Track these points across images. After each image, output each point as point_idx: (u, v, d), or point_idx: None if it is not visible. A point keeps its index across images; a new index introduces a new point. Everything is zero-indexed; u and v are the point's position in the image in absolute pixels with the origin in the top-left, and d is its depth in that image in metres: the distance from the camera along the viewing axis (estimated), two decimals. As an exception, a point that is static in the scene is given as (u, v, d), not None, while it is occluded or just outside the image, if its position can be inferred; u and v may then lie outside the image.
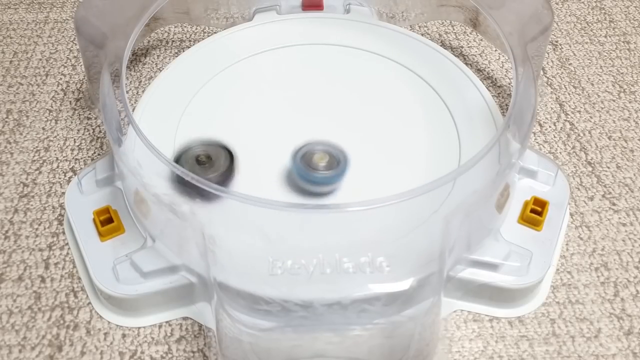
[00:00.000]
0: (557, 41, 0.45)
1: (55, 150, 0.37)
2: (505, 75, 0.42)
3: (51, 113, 0.40)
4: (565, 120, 0.39)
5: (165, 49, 0.44)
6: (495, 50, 0.44)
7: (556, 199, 0.32)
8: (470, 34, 0.45)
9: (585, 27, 0.46)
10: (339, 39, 0.40)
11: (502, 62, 0.43)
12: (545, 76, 0.42)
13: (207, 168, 0.30)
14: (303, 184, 0.31)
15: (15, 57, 0.44)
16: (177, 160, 0.30)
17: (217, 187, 0.26)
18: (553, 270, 0.32)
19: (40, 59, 0.43)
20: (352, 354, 0.26)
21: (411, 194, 0.26)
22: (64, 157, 0.37)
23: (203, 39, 0.40)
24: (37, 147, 0.38)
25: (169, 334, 0.29)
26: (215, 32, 0.42)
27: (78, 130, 0.38)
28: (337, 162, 0.31)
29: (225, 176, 0.30)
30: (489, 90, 0.37)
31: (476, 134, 0.34)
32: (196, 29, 0.46)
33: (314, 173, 0.30)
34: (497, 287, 0.29)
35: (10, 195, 0.35)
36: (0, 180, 0.36)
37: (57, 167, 0.36)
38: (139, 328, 0.30)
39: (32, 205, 0.35)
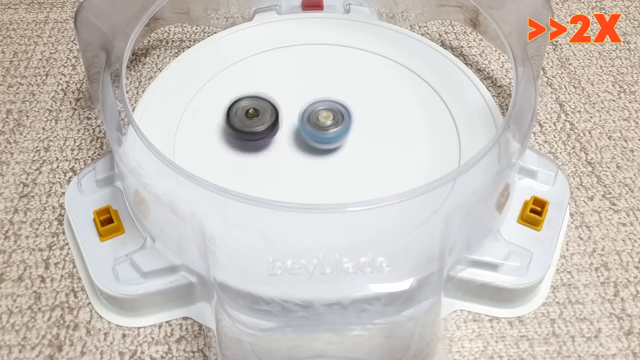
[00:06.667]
0: (557, 41, 0.45)
1: (55, 150, 0.37)
2: (505, 75, 0.42)
3: (51, 113, 0.40)
4: (565, 120, 0.39)
5: (165, 49, 0.44)
6: (495, 50, 0.44)
7: (556, 199, 0.32)
8: (470, 34, 0.45)
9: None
10: (339, 39, 0.40)
11: (502, 62, 0.43)
12: (545, 76, 0.42)
13: (255, 121, 0.33)
14: (313, 144, 0.33)
15: (15, 57, 0.44)
16: (228, 111, 0.33)
17: (218, 187, 0.26)
18: (553, 270, 0.32)
19: (40, 59, 0.43)
20: (352, 354, 0.26)
21: (411, 194, 0.26)
22: (64, 157, 0.37)
23: (203, 39, 0.40)
24: (37, 147, 0.38)
25: (169, 334, 0.29)
26: (215, 32, 0.42)
27: (78, 130, 0.38)
28: (342, 117, 0.33)
29: (272, 128, 0.33)
30: (489, 90, 0.37)
31: (476, 134, 0.34)
32: (196, 29, 0.46)
33: (322, 134, 0.32)
34: (497, 287, 0.29)
35: (10, 195, 0.35)
36: (0, 180, 0.36)
37: (57, 167, 0.36)
38: (139, 328, 0.30)
39: (32, 205, 0.35)
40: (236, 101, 0.33)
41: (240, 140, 0.33)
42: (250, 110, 0.33)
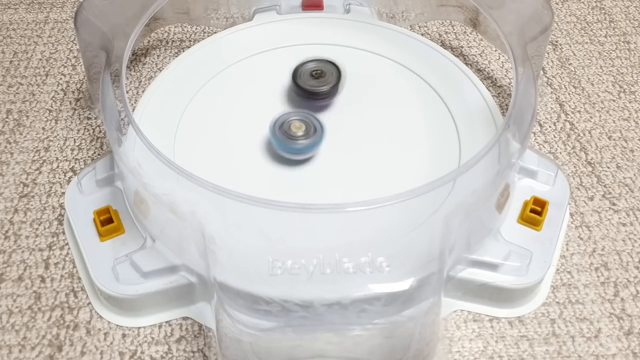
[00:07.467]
0: (557, 41, 0.45)
1: (55, 150, 0.37)
2: (505, 75, 0.42)
3: (51, 113, 0.40)
4: (565, 120, 0.39)
5: (165, 49, 0.44)
6: (495, 50, 0.44)
7: (556, 199, 0.32)
8: (470, 34, 0.45)
9: (585, 27, 0.46)
10: (339, 39, 0.40)
11: (502, 62, 0.43)
12: (545, 76, 0.42)
13: (320, 82, 0.35)
14: (283, 154, 0.33)
15: (15, 57, 0.44)
16: (295, 72, 0.35)
17: (218, 187, 0.27)
18: (553, 270, 0.32)
19: (40, 59, 0.43)
20: (352, 354, 0.26)
21: (411, 194, 0.26)
22: (64, 157, 0.37)
23: (203, 39, 0.40)
24: (37, 147, 0.38)
25: (169, 334, 0.29)
26: (215, 32, 0.42)
27: (78, 130, 0.38)
28: (314, 130, 0.33)
29: (334, 89, 0.35)
30: (489, 90, 0.37)
31: (476, 134, 0.34)
32: (196, 29, 0.46)
33: (293, 144, 0.32)
34: (497, 287, 0.29)
35: (10, 195, 0.35)
36: (0, 180, 0.36)
37: (57, 167, 0.36)
38: (139, 328, 0.30)
39: (32, 205, 0.35)
40: (303, 63, 0.36)
41: (305, 99, 0.35)
42: (315, 72, 0.35)
